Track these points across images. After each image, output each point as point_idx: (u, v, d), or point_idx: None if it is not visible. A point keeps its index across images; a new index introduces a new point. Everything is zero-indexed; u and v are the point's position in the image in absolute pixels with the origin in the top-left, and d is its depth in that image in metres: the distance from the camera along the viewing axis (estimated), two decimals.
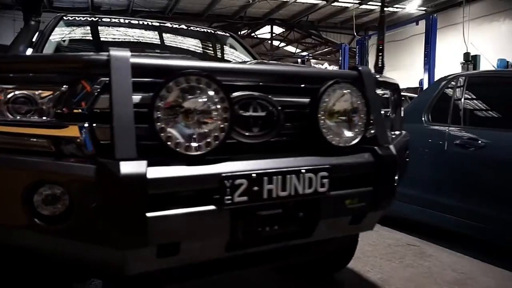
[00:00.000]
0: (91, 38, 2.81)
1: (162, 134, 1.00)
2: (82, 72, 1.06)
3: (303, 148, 1.25)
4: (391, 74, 17.42)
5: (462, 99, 2.93)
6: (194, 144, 1.03)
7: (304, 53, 19.54)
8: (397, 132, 1.82)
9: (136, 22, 2.97)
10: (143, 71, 1.04)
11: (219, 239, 1.10)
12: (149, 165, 0.96)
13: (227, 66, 1.17)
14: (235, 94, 1.19)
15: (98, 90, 1.07)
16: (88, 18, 2.85)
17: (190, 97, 1.03)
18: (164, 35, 3.03)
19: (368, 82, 1.35)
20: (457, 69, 11.29)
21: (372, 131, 1.33)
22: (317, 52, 19.28)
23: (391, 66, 17.01)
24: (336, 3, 14.36)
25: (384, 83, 1.75)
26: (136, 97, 1.02)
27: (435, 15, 11.08)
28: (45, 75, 1.13)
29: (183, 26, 3.12)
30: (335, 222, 1.28)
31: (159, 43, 2.96)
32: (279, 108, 1.23)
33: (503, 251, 2.68)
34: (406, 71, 14.48)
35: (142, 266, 1.06)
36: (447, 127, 2.91)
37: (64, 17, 2.74)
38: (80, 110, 1.06)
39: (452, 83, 3.08)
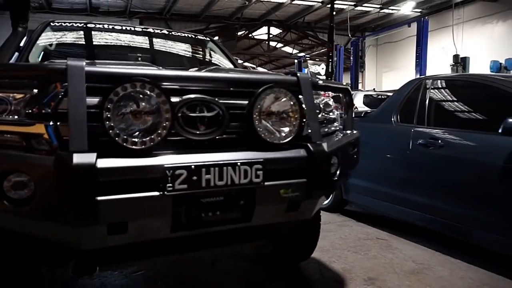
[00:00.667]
0: (76, 43, 3.00)
1: (111, 131, 1.18)
2: (46, 79, 1.25)
3: (244, 144, 1.43)
4: (387, 74, 17.49)
5: (427, 101, 3.11)
6: (139, 140, 1.21)
7: (301, 54, 19.72)
8: (348, 132, 2.01)
9: (120, 27, 3.15)
10: (96, 78, 1.22)
11: (163, 220, 1.27)
12: (99, 157, 1.15)
13: (172, 73, 1.35)
14: (185, 96, 1.38)
15: (62, 93, 1.26)
16: (74, 24, 3.03)
17: (135, 100, 1.22)
18: (147, 39, 3.22)
19: (305, 87, 1.53)
20: (448, 70, 11.47)
21: (309, 131, 1.52)
22: (314, 53, 19.45)
23: (387, 67, 17.21)
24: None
25: (334, 87, 1.94)
26: (90, 100, 1.19)
27: (426, 17, 11.27)
28: (17, 81, 1.32)
29: (165, 31, 3.31)
30: (272, 209, 1.45)
31: (142, 47, 3.15)
32: (224, 109, 1.41)
33: (464, 243, 2.86)
34: (401, 71, 14.66)
35: (97, 242, 1.24)
36: (412, 128, 3.09)
37: (52, 23, 2.93)
38: (45, 111, 1.25)
39: (420, 85, 3.26)
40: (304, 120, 1.47)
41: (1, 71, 1.35)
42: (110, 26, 3.09)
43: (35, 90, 1.31)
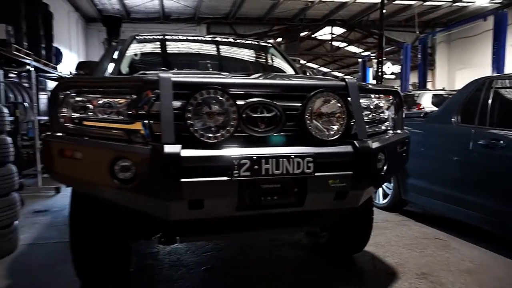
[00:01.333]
0: (156, 52, 3.47)
1: (191, 128, 1.50)
2: (142, 88, 1.62)
3: (298, 140, 1.68)
4: (461, 72, 16.26)
5: (490, 101, 3.06)
6: (212, 135, 1.52)
7: (367, 53, 19.24)
8: (398, 131, 2.15)
9: (192, 37, 3.58)
10: (180, 86, 1.54)
11: (230, 200, 1.56)
12: (183, 148, 1.47)
13: (238, 81, 1.64)
14: (249, 100, 1.66)
15: (153, 99, 1.61)
16: (155, 36, 3.51)
17: (209, 103, 1.53)
18: (216, 47, 3.60)
19: (353, 91, 1.73)
20: None
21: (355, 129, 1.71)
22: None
23: (461, 64, 16.11)
24: (398, 1, 14.06)
25: (383, 90, 2.11)
26: (176, 103, 1.53)
27: (505, 9, 10.40)
28: (120, 89, 1.71)
29: (231, 39, 3.67)
30: (321, 197, 1.67)
31: (211, 54, 3.54)
32: (281, 110, 1.67)
33: None
34: (477, 69, 13.65)
35: (180, 214, 1.56)
36: (473, 128, 3.07)
37: (136, 37, 3.43)
38: (142, 112, 1.62)
39: (483, 85, 3.21)
40: (352, 120, 1.67)
41: (109, 82, 1.75)
42: (184, 37, 3.52)
43: (134, 96, 1.68)
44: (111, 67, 2.96)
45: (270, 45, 3.75)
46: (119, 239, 2.04)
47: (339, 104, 1.68)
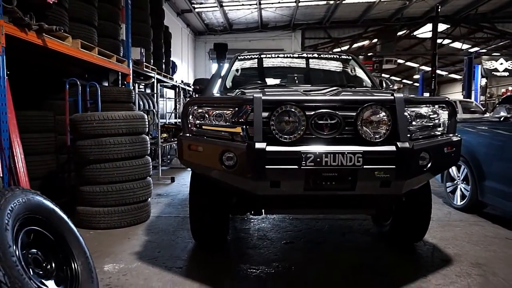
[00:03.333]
0: (253, 67, 4.27)
1: (273, 131, 2.19)
2: (242, 103, 2.37)
3: (353, 141, 2.23)
4: None
5: None
6: (288, 137, 2.19)
7: (474, 49, 17.71)
8: (450, 135, 2.53)
9: (283, 54, 4.29)
10: (267, 102, 2.24)
11: (299, 183, 2.18)
12: (267, 145, 2.17)
13: (307, 98, 2.28)
14: (317, 111, 2.28)
15: (249, 111, 2.34)
16: (253, 56, 4.32)
17: (286, 114, 2.19)
18: (304, 61, 4.25)
19: (399, 103, 2.22)
20: None
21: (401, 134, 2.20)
22: (490, 47, 17.19)
23: None
24: None
25: (432, 101, 2.53)
26: (264, 114, 2.23)
27: None
28: (227, 104, 2.49)
29: (315, 54, 4.29)
30: (369, 184, 2.17)
31: (299, 67, 4.20)
32: (341, 118, 2.25)
33: None
34: None
35: (264, 190, 2.22)
36: None
37: (239, 56, 4.28)
38: (241, 120, 2.36)
39: None
40: (398, 126, 2.17)
41: (219, 100, 2.55)
42: (275, 54, 4.25)
43: (236, 109, 2.44)
44: (219, 82, 3.85)
45: (350, 57, 4.25)
46: (222, 212, 2.84)
47: (384, 114, 2.19)
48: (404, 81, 30.42)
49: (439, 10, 11.96)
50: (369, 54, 17.02)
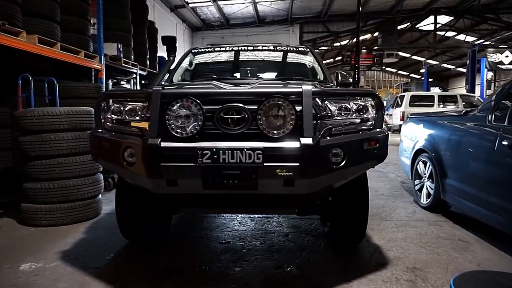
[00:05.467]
0: (205, 62, 4.13)
1: (169, 126, 2.06)
2: (145, 97, 2.25)
3: (254, 136, 2.08)
4: None
5: None
6: (184, 132, 2.05)
7: (479, 42, 17.14)
8: (377, 129, 2.35)
9: (237, 47, 4.14)
10: (165, 96, 2.11)
11: (197, 181, 2.03)
12: (163, 141, 2.04)
13: (208, 91, 2.15)
14: (225, 105, 2.14)
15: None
16: (207, 48, 4.18)
17: (183, 108, 2.06)
18: (260, 54, 4.10)
19: (306, 95, 2.06)
20: None
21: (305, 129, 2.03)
22: (494, 39, 16.62)
23: None
24: None
25: (356, 93, 2.37)
26: (162, 109, 2.12)
27: None
28: (134, 98, 2.37)
29: (271, 47, 4.12)
30: (271, 183, 2.01)
31: (251, 60, 4.05)
32: (249, 113, 2.10)
33: None
34: None
35: (162, 189, 2.11)
36: (501, 128, 2.95)
37: (193, 50, 4.15)
38: (145, 115, 2.24)
39: None
40: (303, 120, 2.01)
41: (130, 94, 2.43)
42: (230, 48, 4.11)
43: (145, 104, 2.31)
44: (165, 77, 3.72)
45: (308, 49, 4.07)
46: (144, 208, 2.72)
47: (289, 108, 2.03)
48: (412, 75, 29.79)
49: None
50: (363, 48, 16.54)
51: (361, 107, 2.36)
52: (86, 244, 3.09)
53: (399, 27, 16.30)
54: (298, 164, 1.99)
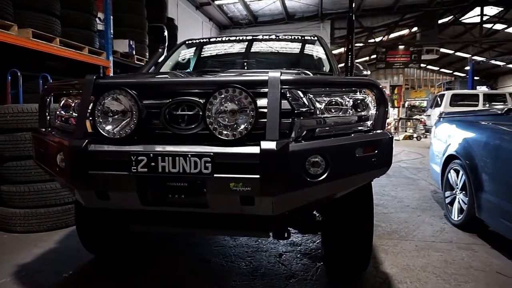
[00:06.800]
0: (200, 55, 3.69)
1: (98, 125, 1.62)
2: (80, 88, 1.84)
3: (203, 139, 1.59)
4: None
5: None
6: (116, 132, 1.60)
7: None
8: (378, 131, 1.78)
9: (235, 37, 3.67)
10: (96, 86, 1.69)
11: (132, 195, 1.58)
12: (91, 143, 1.61)
13: (143, 81, 1.68)
14: (176, 98, 1.68)
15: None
16: (201, 40, 3.74)
17: (115, 101, 1.61)
18: (257, 45, 3.60)
19: (272, 86, 1.53)
20: None
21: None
22: None
23: None
24: None
25: (354, 83, 1.81)
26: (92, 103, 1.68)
27: None
28: (74, 89, 1.96)
29: (273, 36, 3.61)
30: (223, 199, 1.53)
31: (248, 52, 3.56)
32: (203, 108, 1.61)
33: None
34: None
35: (92, 203, 1.68)
36: None
37: (187, 42, 3.72)
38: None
39: None
40: (267, 118, 1.49)
41: (68, 85, 2.01)
42: (227, 38, 3.64)
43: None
44: (151, 69, 3.33)
45: (316, 38, 3.53)
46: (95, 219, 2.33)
47: (247, 102, 1.52)
48: (456, 73, 27.83)
49: None
50: (399, 44, 15.36)
51: (358, 102, 1.80)
52: (51, 256, 2.75)
53: (440, 21, 15.03)
54: (258, 176, 1.48)
